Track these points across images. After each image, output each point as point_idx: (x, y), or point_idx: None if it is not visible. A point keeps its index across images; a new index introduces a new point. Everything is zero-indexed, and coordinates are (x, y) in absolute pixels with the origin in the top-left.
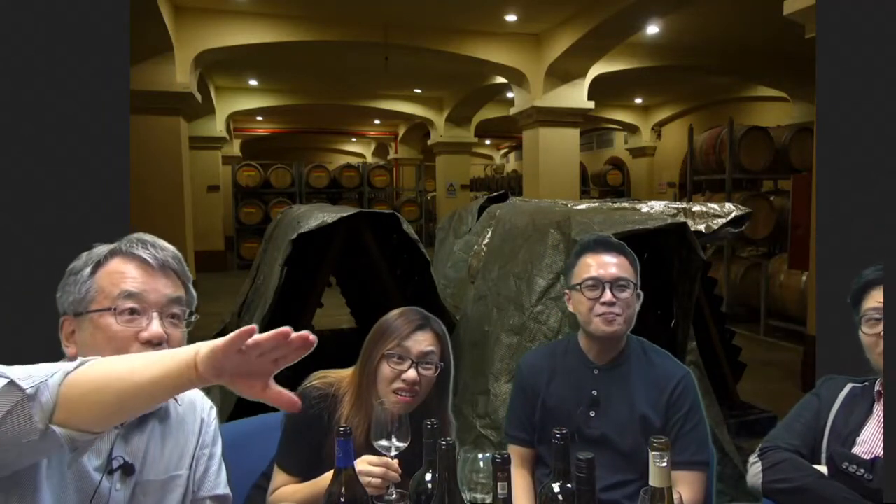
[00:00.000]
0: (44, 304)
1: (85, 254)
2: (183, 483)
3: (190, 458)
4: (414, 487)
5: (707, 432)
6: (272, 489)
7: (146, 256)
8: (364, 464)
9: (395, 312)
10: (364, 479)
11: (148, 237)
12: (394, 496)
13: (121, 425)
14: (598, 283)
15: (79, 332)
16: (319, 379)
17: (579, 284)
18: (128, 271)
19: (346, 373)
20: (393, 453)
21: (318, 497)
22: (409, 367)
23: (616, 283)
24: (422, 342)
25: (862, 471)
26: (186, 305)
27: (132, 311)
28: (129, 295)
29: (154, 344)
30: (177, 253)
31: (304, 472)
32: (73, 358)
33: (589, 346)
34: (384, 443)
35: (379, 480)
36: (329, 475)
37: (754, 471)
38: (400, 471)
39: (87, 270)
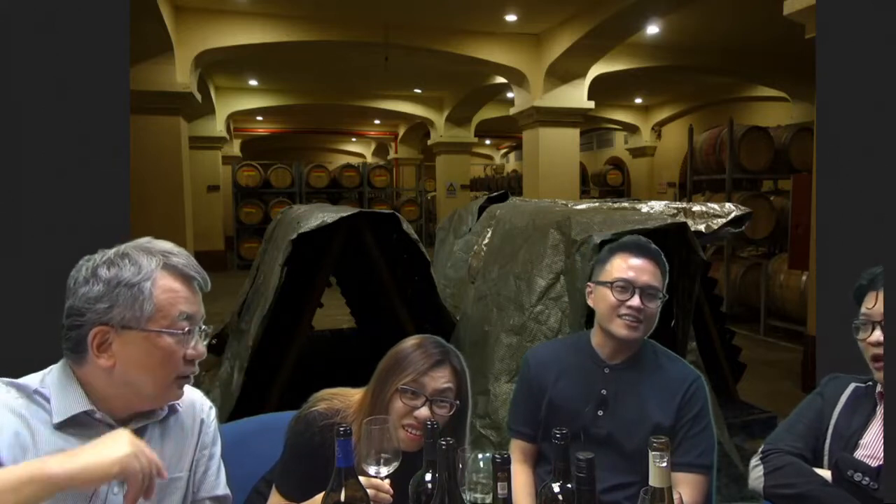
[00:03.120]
0: (44, 305)
1: (128, 264)
2: (182, 485)
3: (189, 459)
4: (414, 487)
5: (714, 437)
6: None
7: (193, 274)
8: None
9: (411, 342)
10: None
11: (182, 250)
12: None
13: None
14: (629, 286)
15: (123, 346)
16: (325, 402)
17: (610, 283)
18: (181, 290)
19: (353, 397)
20: (384, 474)
21: None
22: (423, 405)
23: (646, 291)
24: (438, 379)
25: (867, 479)
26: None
27: (186, 332)
28: (187, 317)
29: (196, 361)
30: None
31: (303, 498)
32: (109, 369)
33: (602, 344)
34: (373, 467)
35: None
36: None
37: (756, 474)
38: (392, 492)
39: (147, 286)
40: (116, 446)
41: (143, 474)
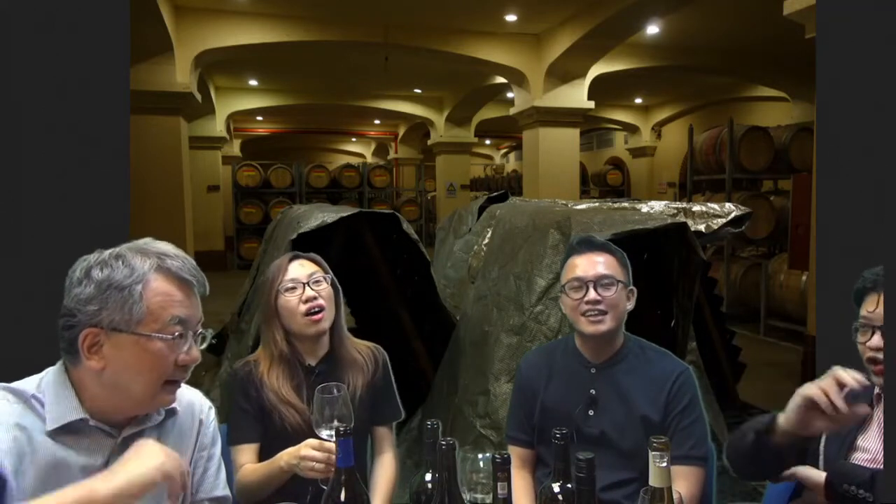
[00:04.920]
0: (44, 305)
1: (121, 266)
2: None
3: (187, 462)
4: (414, 488)
5: (706, 428)
6: (236, 469)
7: (188, 277)
8: (307, 448)
9: (270, 264)
10: (307, 464)
11: (179, 252)
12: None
13: (119, 433)
14: (581, 283)
15: (113, 349)
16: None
17: (564, 286)
18: (174, 293)
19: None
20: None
21: (277, 472)
22: (304, 288)
23: (600, 282)
24: (303, 267)
25: (862, 492)
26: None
27: (178, 336)
28: (179, 321)
29: (187, 367)
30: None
31: (259, 436)
32: (99, 372)
33: (583, 345)
34: (325, 432)
35: (322, 466)
36: (286, 451)
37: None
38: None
39: (138, 289)
40: (151, 454)
41: (181, 473)
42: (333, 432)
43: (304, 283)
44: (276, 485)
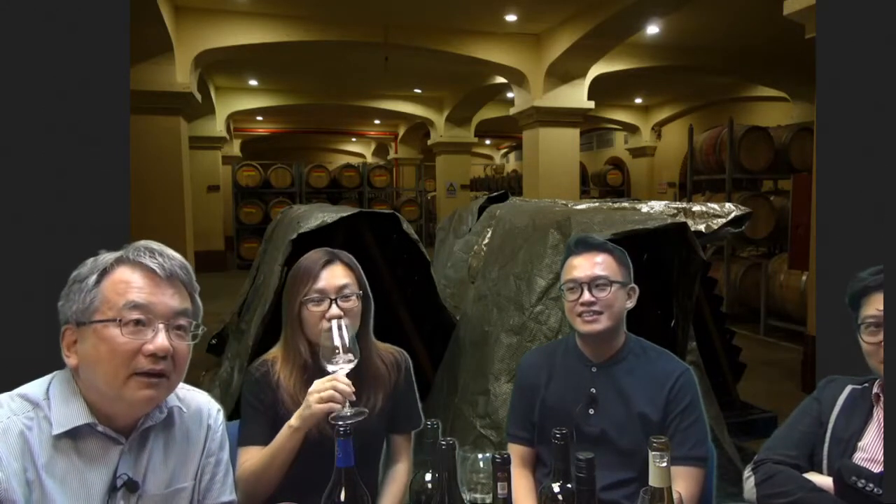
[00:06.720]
0: (44, 307)
1: (90, 261)
2: (187, 496)
3: (195, 468)
4: (414, 488)
5: (706, 429)
6: (238, 466)
7: (153, 266)
8: (314, 390)
9: (302, 258)
10: (316, 397)
11: (155, 245)
12: (348, 412)
13: (125, 441)
14: (576, 285)
15: (81, 343)
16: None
17: (562, 287)
18: (134, 281)
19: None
20: (344, 372)
21: (277, 455)
22: (330, 305)
23: (594, 283)
24: (335, 277)
25: (871, 486)
26: (193, 317)
27: (137, 323)
28: (135, 306)
29: (159, 357)
30: (185, 262)
31: (268, 440)
32: (74, 369)
33: (583, 344)
34: (332, 366)
35: (331, 393)
36: (282, 434)
37: (749, 485)
38: (352, 386)
39: (93, 279)
40: None
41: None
42: (339, 367)
43: (331, 298)
44: (283, 461)
